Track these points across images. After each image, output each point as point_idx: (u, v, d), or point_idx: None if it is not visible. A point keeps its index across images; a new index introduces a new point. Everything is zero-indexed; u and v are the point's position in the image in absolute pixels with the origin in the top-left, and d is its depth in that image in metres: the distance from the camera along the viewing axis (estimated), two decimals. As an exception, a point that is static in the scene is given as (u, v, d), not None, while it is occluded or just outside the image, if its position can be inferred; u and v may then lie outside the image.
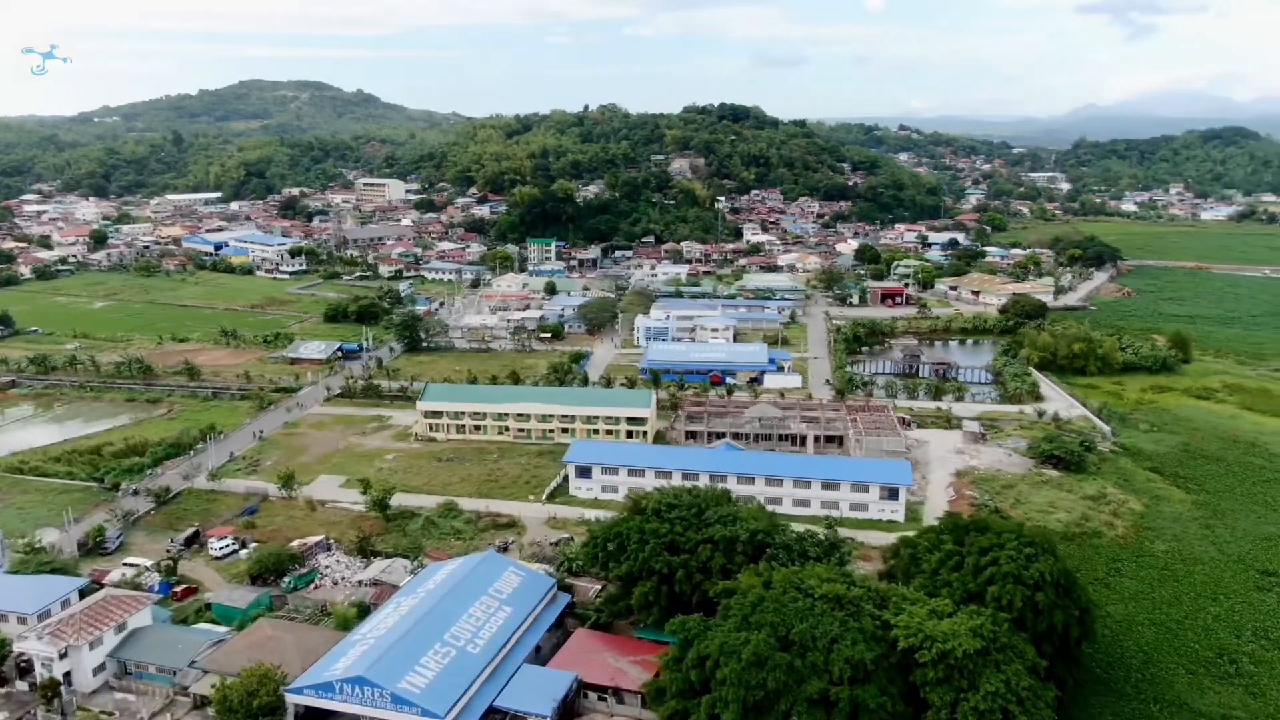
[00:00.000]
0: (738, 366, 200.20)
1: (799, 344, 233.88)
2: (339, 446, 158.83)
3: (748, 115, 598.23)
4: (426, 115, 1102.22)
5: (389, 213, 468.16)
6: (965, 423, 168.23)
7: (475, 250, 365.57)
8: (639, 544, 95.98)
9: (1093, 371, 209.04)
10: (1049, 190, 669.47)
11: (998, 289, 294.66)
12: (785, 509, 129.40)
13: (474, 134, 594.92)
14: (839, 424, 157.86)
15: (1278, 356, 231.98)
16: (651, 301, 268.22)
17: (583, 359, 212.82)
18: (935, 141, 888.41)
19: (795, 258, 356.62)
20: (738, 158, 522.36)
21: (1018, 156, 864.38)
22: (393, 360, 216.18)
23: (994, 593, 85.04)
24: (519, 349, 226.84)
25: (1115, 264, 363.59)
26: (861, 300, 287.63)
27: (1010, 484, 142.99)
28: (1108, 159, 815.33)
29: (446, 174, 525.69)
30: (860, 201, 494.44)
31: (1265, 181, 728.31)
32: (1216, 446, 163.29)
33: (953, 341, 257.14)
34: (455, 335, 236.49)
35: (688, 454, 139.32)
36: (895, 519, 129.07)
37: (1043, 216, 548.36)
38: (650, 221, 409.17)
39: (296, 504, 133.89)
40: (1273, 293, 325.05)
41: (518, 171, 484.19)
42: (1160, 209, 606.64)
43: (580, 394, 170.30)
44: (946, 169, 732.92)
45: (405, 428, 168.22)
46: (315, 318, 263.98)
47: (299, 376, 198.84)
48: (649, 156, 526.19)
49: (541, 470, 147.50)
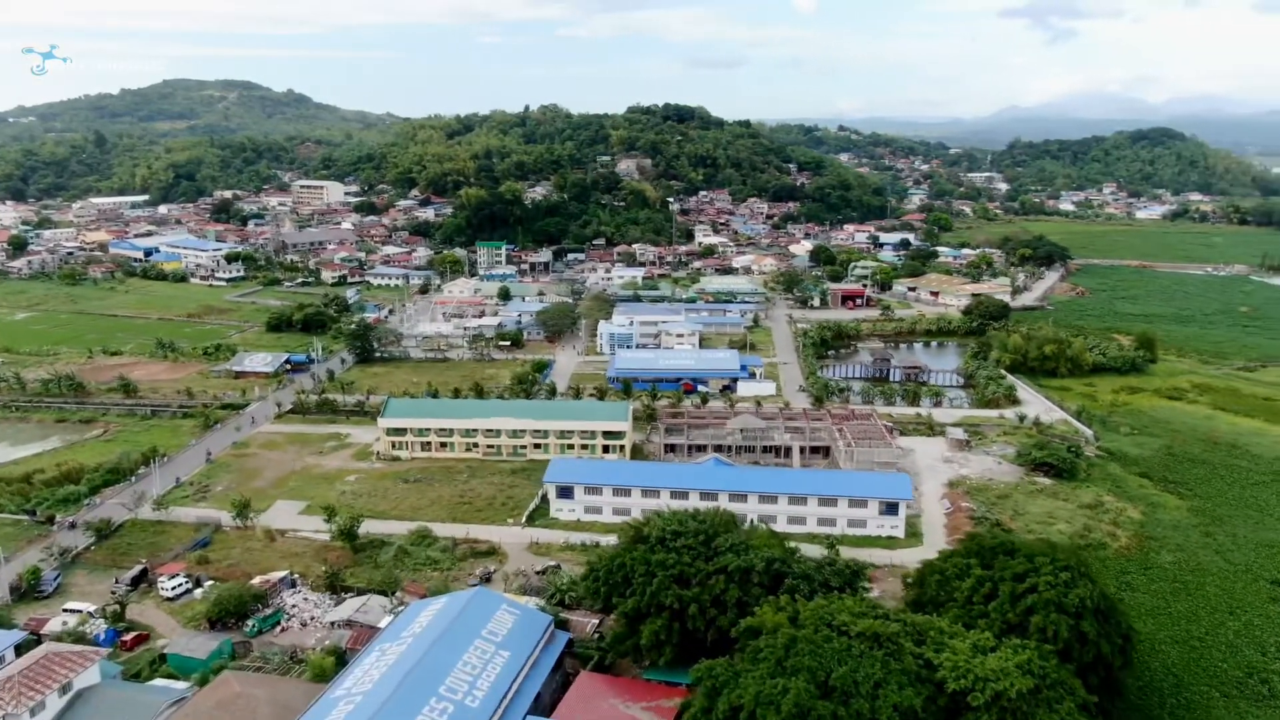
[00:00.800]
0: (709, 374, 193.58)
1: (765, 349, 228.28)
2: (295, 468, 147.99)
3: (692, 115, 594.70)
4: (360, 115, 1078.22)
5: (328, 216, 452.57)
6: (949, 430, 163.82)
7: (422, 254, 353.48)
8: (645, 577, 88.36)
9: (1063, 373, 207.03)
10: (989, 190, 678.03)
11: (957, 289, 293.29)
12: (780, 527, 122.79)
13: (414, 135, 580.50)
14: (824, 434, 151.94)
15: (1239, 355, 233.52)
16: (611, 306, 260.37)
17: (546, 368, 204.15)
18: (874, 142, 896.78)
19: (750, 260, 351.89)
20: (685, 158, 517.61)
21: (954, 157, 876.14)
22: (345, 372, 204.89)
23: (1037, 623, 79.32)
24: (478, 358, 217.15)
25: (1065, 263, 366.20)
26: (822, 303, 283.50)
27: (1004, 494, 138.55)
28: (1042, 159, 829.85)
29: (387, 175, 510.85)
30: (808, 202, 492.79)
31: (1192, 181, 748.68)
32: (1199, 449, 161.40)
33: (918, 344, 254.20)
34: (409, 344, 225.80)
35: (675, 471, 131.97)
36: (895, 535, 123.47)
37: (985, 216, 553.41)
38: (601, 223, 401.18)
39: (253, 534, 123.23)
40: (1219, 290, 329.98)
41: (461, 173, 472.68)
42: (1096, 208, 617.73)
43: (552, 407, 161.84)
44: (887, 169, 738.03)
45: (365, 446, 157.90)
46: (257, 327, 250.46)
47: (245, 391, 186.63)
48: (595, 157, 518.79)
49: (516, 490, 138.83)
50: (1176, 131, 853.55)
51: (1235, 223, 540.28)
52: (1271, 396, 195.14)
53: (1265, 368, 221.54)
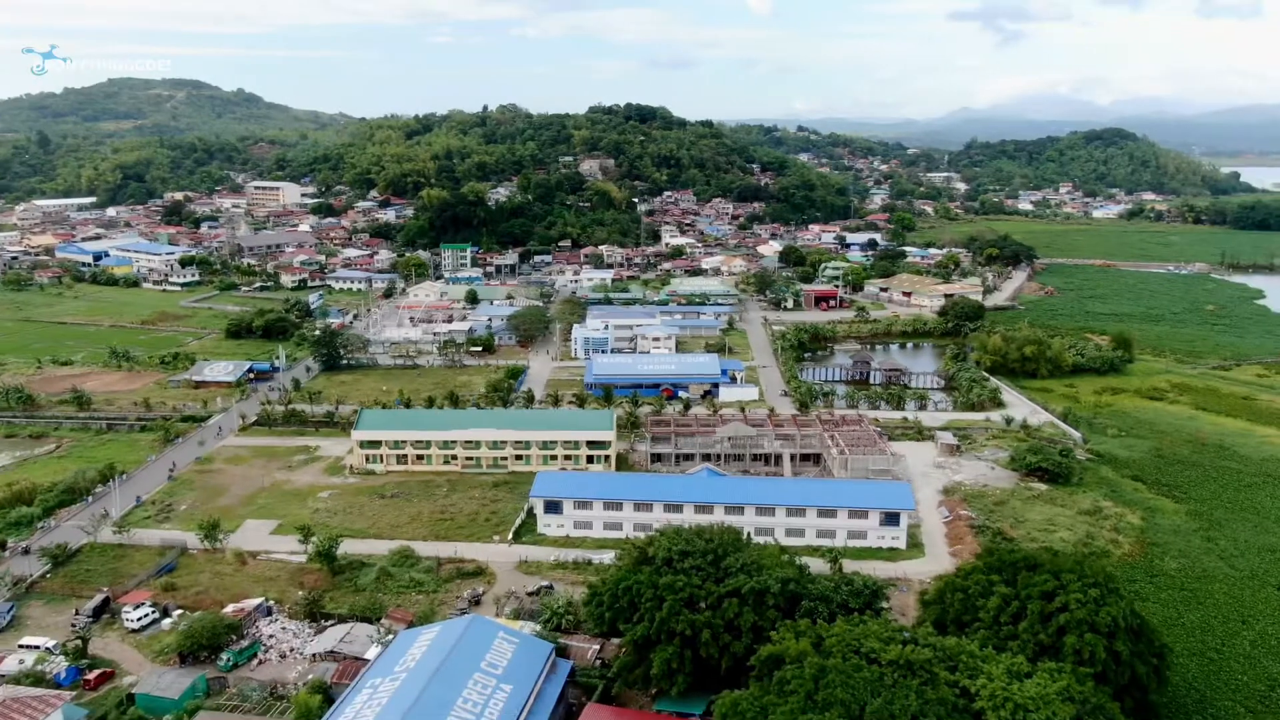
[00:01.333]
0: (690, 379, 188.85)
1: (743, 352, 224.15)
2: (264, 484, 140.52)
3: (654, 116, 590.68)
4: (313, 115, 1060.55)
5: (284, 218, 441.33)
6: (938, 434, 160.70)
7: (384, 257, 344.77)
8: (654, 601, 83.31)
9: (1044, 374, 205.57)
10: (949, 190, 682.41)
11: (929, 290, 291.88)
12: (777, 538, 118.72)
13: (371, 134, 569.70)
14: (815, 441, 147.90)
15: (1212, 354, 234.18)
16: (583, 310, 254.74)
17: (520, 374, 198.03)
18: (833, 142, 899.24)
19: (720, 261, 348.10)
20: (648, 159, 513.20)
21: (912, 157, 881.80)
22: (311, 381, 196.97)
23: (1071, 644, 75.58)
24: (449, 365, 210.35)
25: (1031, 263, 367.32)
26: (796, 304, 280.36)
27: (1001, 500, 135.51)
28: (998, 160, 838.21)
29: (344, 176, 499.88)
30: (773, 202, 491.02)
31: (1144, 180, 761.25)
32: (1187, 450, 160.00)
33: (894, 345, 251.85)
34: (377, 351, 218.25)
35: (668, 483, 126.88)
36: (897, 546, 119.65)
37: (947, 216, 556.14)
38: (566, 225, 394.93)
39: (222, 557, 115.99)
40: (1183, 289, 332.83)
41: (421, 173, 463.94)
42: (1054, 208, 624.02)
43: (534, 417, 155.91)
44: (847, 169, 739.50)
45: (337, 459, 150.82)
46: (215, 334, 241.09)
47: (207, 403, 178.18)
48: (557, 158, 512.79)
49: (499, 504, 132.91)
50: (1128, 132, 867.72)
51: (1190, 222, 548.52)
52: (1250, 395, 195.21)
53: (1239, 366, 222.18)
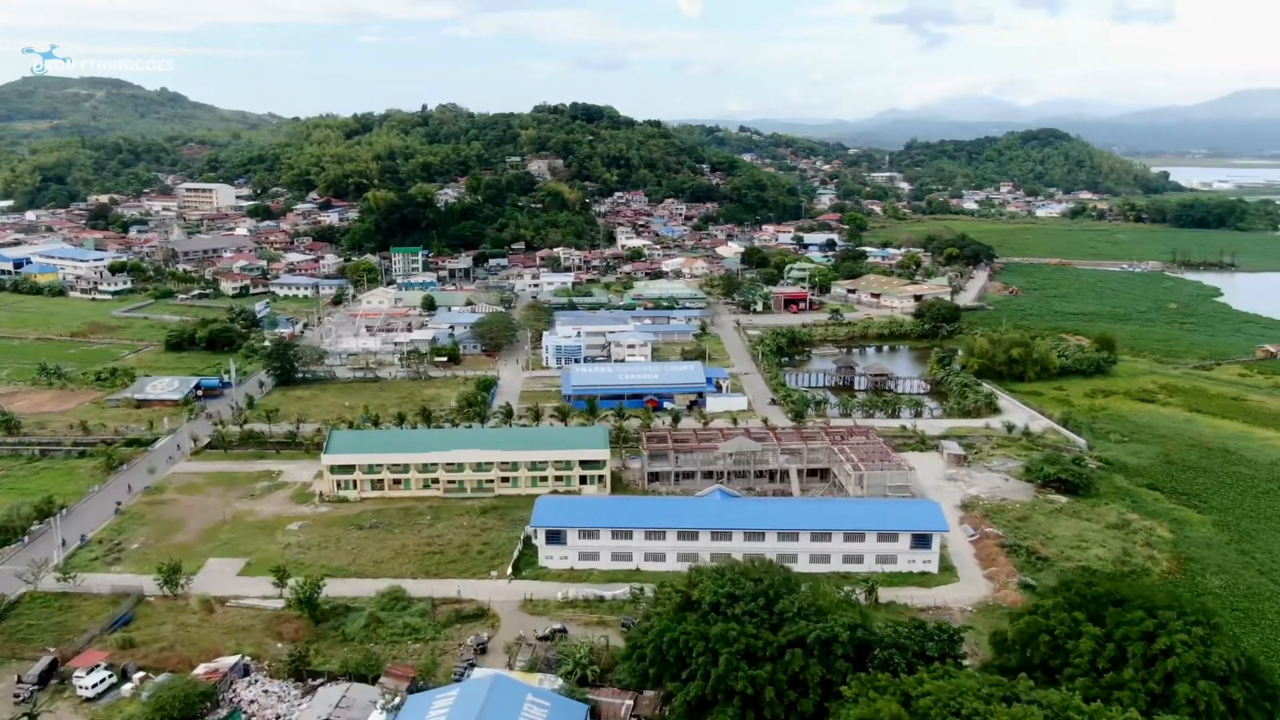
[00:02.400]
0: (675, 389, 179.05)
1: (720, 358, 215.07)
2: (225, 517, 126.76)
3: (601, 115, 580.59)
4: (241, 115, 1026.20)
5: (219, 221, 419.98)
6: (943, 444, 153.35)
7: (330, 262, 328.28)
8: (706, 655, 73.33)
9: (1031, 377, 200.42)
10: (894, 190, 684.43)
11: (898, 291, 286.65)
12: (801, 567, 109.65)
13: (308, 134, 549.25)
14: (822, 455, 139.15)
15: (1189, 353, 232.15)
16: (549, 315, 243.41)
17: (492, 386, 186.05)
18: (775, 143, 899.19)
19: (680, 263, 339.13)
20: (598, 159, 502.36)
21: (854, 157, 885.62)
22: (265, 397, 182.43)
23: (1184, 694, 67.56)
24: (413, 377, 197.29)
25: (990, 262, 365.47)
26: (765, 307, 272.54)
27: (1023, 515, 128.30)
28: (939, 159, 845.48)
29: (282, 177, 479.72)
30: (726, 203, 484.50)
31: (1080, 180, 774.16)
32: (1194, 456, 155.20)
33: (870, 348, 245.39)
34: (334, 363, 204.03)
35: (679, 508, 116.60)
36: (929, 570, 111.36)
37: (896, 216, 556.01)
38: (519, 226, 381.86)
39: (186, 605, 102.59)
40: (1142, 287, 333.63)
41: (364, 174, 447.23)
42: (998, 207, 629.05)
43: (521, 435, 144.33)
44: (791, 170, 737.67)
45: (304, 485, 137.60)
46: (154, 346, 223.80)
47: (153, 424, 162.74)
48: (504, 158, 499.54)
49: (491, 533, 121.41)
50: (1062, 132, 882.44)
51: (1132, 220, 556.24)
52: (1239, 396, 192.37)
53: (1219, 365, 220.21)
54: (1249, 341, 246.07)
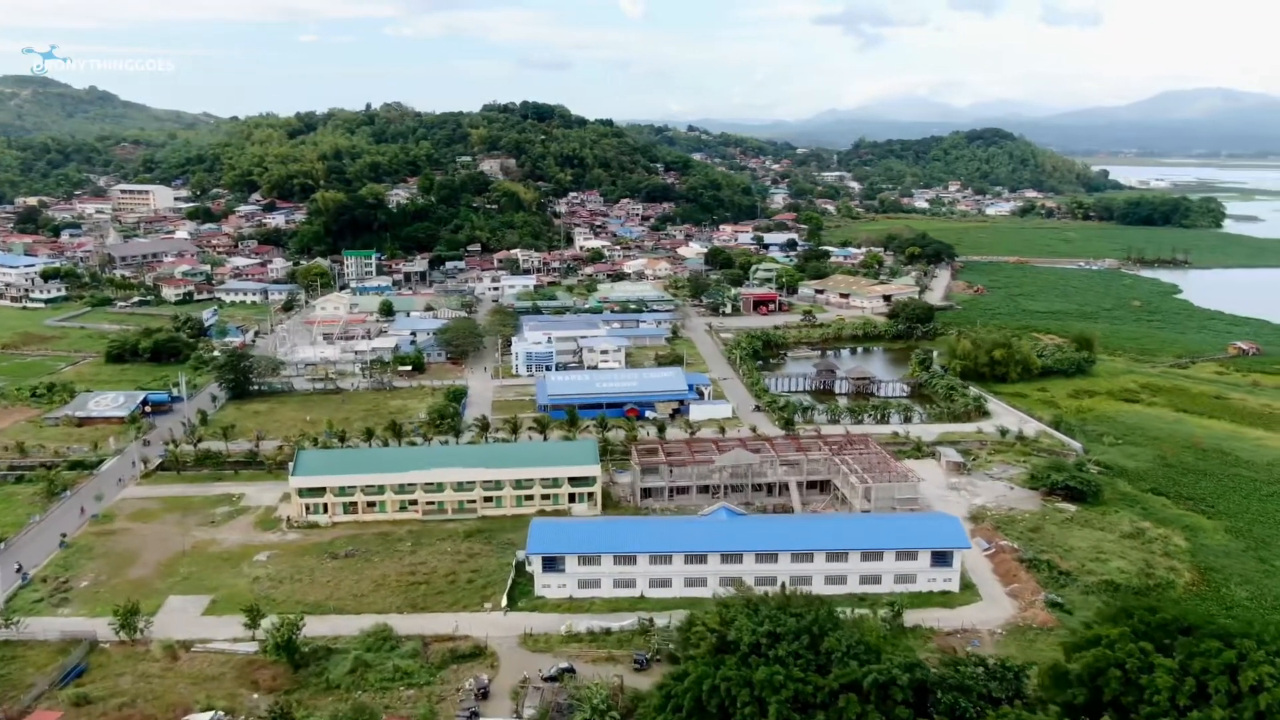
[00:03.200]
0: (656, 396, 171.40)
1: (695, 363, 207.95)
2: (184, 547, 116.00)
3: (552, 114, 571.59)
4: (175, 115, 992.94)
5: (157, 224, 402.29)
6: (941, 451, 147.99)
7: (279, 266, 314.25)
8: (753, 704, 65.98)
9: (1013, 378, 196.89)
10: (845, 189, 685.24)
11: (867, 291, 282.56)
12: (816, 588, 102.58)
13: (249, 134, 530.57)
14: (822, 466, 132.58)
15: (1162, 351, 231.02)
16: (514, 320, 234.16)
17: (462, 396, 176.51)
18: (724, 142, 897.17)
19: (642, 264, 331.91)
20: (551, 158, 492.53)
21: (803, 157, 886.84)
22: (219, 412, 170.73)
23: (1282, 736, 61.74)
24: (377, 387, 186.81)
25: (951, 261, 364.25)
26: (734, 309, 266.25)
27: (1035, 526, 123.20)
28: (887, 159, 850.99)
29: (223, 178, 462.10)
30: (682, 202, 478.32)
31: (1025, 178, 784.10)
32: (1191, 458, 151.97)
33: (844, 350, 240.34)
34: (291, 374, 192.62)
35: (685, 529, 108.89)
36: (949, 589, 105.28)
37: (850, 215, 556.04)
38: (474, 228, 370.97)
39: (147, 651, 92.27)
40: (1103, 285, 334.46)
41: (309, 175, 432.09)
42: (949, 205, 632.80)
43: (503, 451, 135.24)
44: (742, 169, 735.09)
45: (269, 510, 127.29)
46: (94, 357, 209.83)
47: (97, 445, 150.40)
48: (454, 158, 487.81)
49: (478, 559, 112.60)
50: (1006, 132, 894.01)
51: (1080, 218, 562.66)
52: (1221, 395, 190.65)
53: (1195, 364, 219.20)
54: (1218, 338, 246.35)
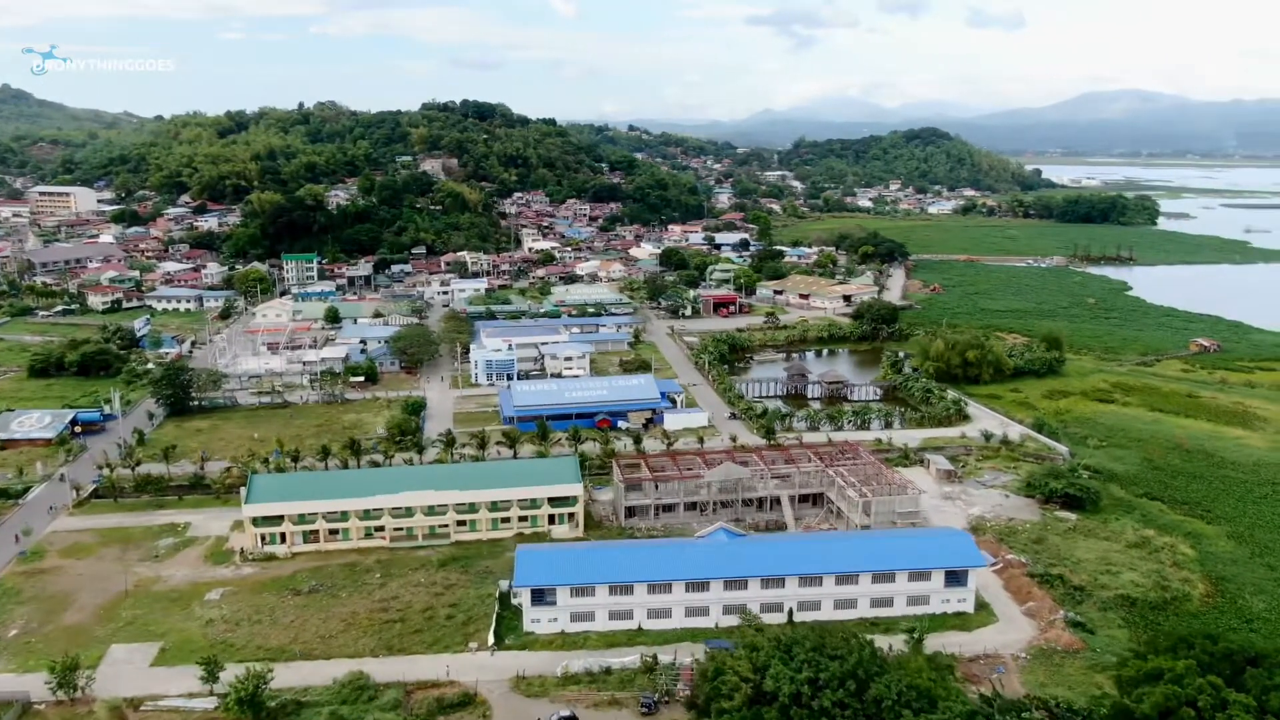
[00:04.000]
0: (628, 406, 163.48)
1: (661, 368, 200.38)
2: (126, 586, 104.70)
3: (494, 113, 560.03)
4: (94, 114, 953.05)
5: (79, 227, 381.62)
6: (930, 458, 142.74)
7: (214, 271, 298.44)
8: (802, 767, 58.20)
9: (986, 379, 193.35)
10: (789, 189, 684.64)
11: (827, 291, 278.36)
12: (825, 614, 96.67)
13: (177, 133, 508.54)
14: (814, 478, 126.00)
15: (1126, 349, 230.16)
16: (469, 326, 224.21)
17: (421, 409, 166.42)
18: (665, 142, 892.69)
19: (595, 266, 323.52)
20: (495, 158, 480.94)
21: (744, 156, 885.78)
22: (157, 430, 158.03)
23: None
24: (328, 400, 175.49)
25: (904, 260, 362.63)
26: (694, 311, 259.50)
27: (1037, 537, 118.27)
28: (828, 158, 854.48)
29: (149, 179, 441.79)
30: (630, 203, 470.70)
31: (963, 177, 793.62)
32: (1177, 460, 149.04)
33: (809, 353, 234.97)
34: (234, 387, 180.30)
35: (683, 554, 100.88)
36: (964, 609, 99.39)
37: (795, 214, 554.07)
38: (419, 230, 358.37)
39: (89, 712, 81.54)
40: (1054, 282, 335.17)
41: (242, 175, 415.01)
42: (892, 204, 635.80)
43: (477, 471, 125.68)
44: (684, 169, 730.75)
45: (219, 540, 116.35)
46: (15, 372, 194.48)
47: (22, 470, 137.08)
48: (394, 157, 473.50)
49: (456, 591, 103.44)
50: (943, 131, 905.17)
51: (1020, 216, 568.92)
52: (1193, 393, 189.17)
53: (1160, 361, 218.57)
54: (1176, 335, 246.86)
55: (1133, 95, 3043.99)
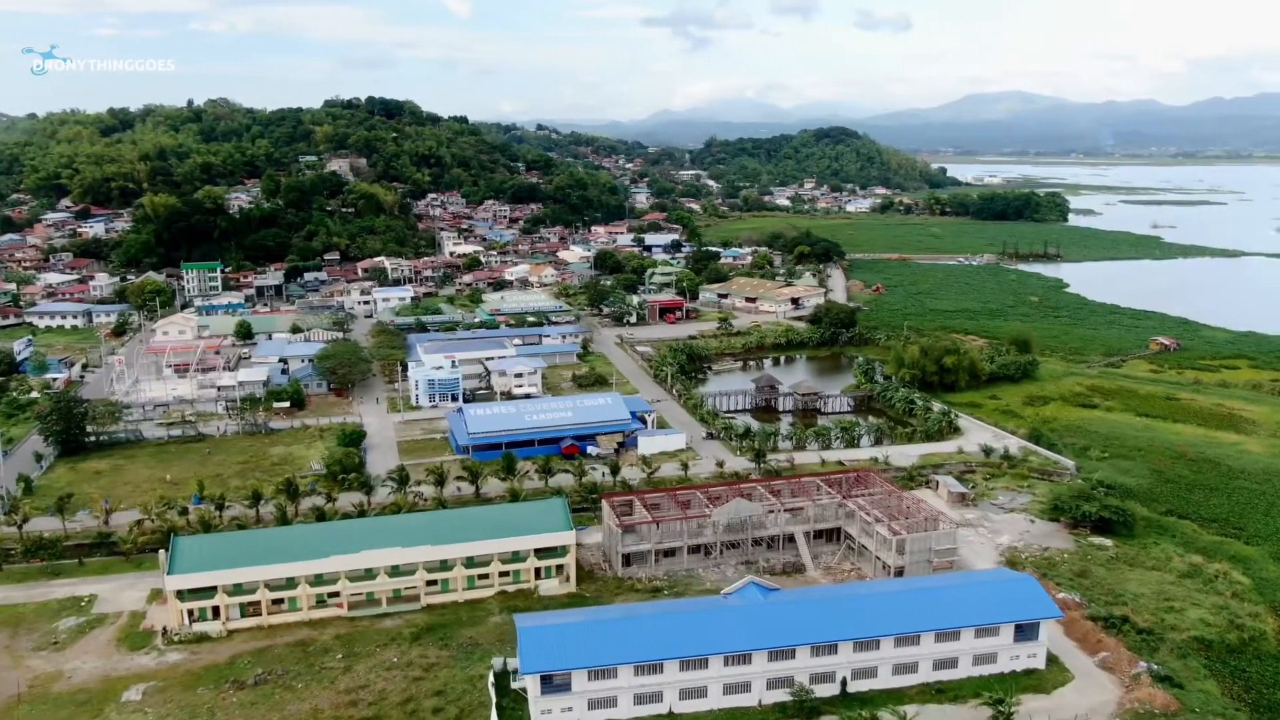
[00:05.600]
0: (597, 428, 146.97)
1: (618, 382, 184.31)
2: (17, 688, 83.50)
3: (402, 110, 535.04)
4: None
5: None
6: (941, 479, 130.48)
7: (103, 283, 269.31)
8: None
9: (962, 386, 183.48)
10: (704, 188, 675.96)
11: (774, 294, 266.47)
12: (883, 682, 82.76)
13: (53, 132, 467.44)
14: (830, 511, 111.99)
15: (1087, 349, 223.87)
16: (400, 339, 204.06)
17: (360, 439, 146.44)
18: (575, 141, 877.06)
19: (526, 270, 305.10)
20: (406, 157, 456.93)
21: (655, 156, 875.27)
22: (45, 475, 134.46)
23: None
24: (250, 431, 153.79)
25: (840, 259, 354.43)
26: (640, 318, 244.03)
27: (1080, 569, 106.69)
28: (740, 157, 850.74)
29: (24, 182, 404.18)
30: (550, 203, 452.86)
31: (873, 175, 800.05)
32: (1186, 471, 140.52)
33: (766, 360, 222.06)
34: (137, 417, 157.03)
35: (717, 619, 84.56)
36: (1034, 666, 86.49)
37: (716, 214, 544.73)
38: (330, 234, 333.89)
39: None
40: (994, 280, 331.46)
41: (130, 177, 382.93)
42: (810, 203, 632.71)
43: (448, 521, 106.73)
44: (597, 169, 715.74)
45: (135, 616, 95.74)
46: None
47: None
48: (297, 157, 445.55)
49: (439, 672, 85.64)
50: (852, 130, 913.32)
51: (937, 214, 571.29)
52: (1171, 395, 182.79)
53: (1125, 362, 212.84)
54: (1130, 334, 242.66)
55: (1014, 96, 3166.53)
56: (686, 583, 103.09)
